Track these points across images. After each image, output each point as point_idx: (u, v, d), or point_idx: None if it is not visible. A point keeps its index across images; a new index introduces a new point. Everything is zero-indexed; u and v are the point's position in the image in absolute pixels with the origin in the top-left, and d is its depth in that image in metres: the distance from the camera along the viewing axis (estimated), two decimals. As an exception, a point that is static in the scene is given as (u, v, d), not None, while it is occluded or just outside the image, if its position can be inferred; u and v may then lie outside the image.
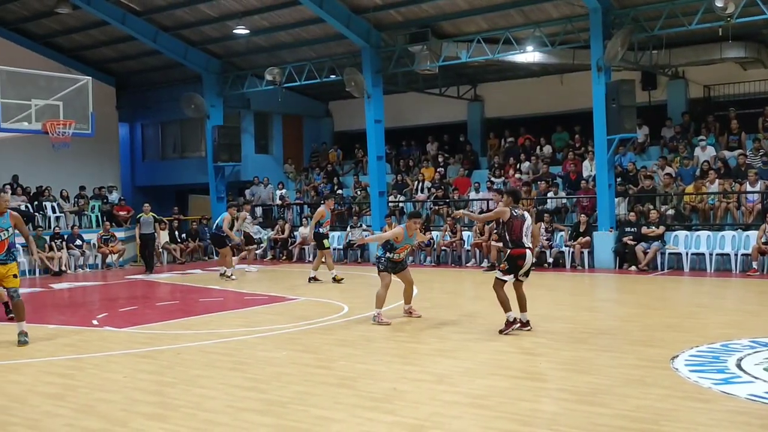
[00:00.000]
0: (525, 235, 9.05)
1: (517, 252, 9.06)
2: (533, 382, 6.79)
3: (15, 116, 14.87)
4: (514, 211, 9.10)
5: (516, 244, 9.04)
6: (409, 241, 10.34)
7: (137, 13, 21.32)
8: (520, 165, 21.26)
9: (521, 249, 9.04)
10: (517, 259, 9.08)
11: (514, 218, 9.05)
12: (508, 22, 18.64)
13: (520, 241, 9.03)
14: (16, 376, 7.58)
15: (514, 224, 9.02)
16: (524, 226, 9.05)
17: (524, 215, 9.18)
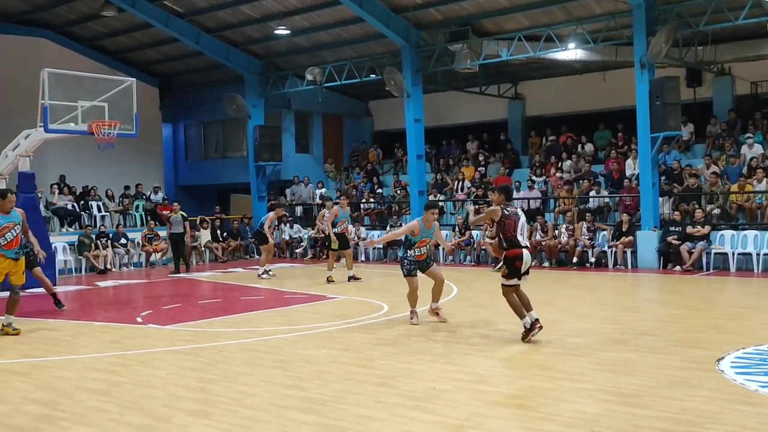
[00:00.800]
0: (520, 234, 8.59)
1: (513, 253, 8.54)
2: (575, 382, 6.72)
3: (62, 117, 15.21)
4: (506, 209, 8.62)
5: (511, 244, 8.55)
6: (428, 234, 9.93)
7: (180, 15, 21.63)
8: (561, 163, 21.05)
9: (517, 249, 8.54)
10: (515, 260, 8.54)
11: (506, 217, 8.57)
12: (549, 19, 18.46)
13: (515, 240, 8.54)
14: (63, 372, 7.75)
15: (507, 223, 8.56)
16: (518, 224, 8.58)
17: (518, 213, 8.72)
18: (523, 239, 8.61)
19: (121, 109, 15.84)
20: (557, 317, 10.50)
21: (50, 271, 16.27)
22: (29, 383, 7.27)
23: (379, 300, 12.35)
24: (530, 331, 8.52)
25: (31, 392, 6.90)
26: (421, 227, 9.82)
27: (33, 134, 15.64)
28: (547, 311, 11.08)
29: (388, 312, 11.11)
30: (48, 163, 21.28)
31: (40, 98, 14.84)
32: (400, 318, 10.57)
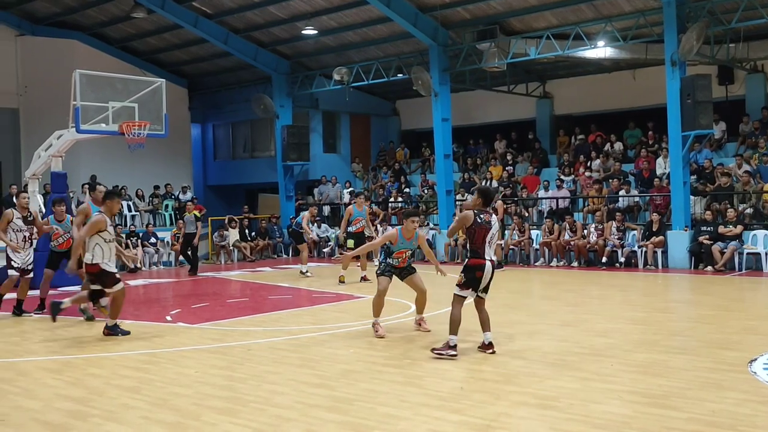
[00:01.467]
0: (488, 245, 7.85)
1: (475, 263, 7.81)
2: (604, 383, 6.65)
3: (94, 118, 15.40)
4: (479, 216, 7.84)
5: (475, 254, 7.83)
6: (407, 245, 9.11)
7: (209, 16, 21.80)
8: (590, 162, 20.87)
9: (480, 260, 7.81)
10: (475, 270, 7.81)
11: (478, 225, 7.80)
12: (578, 17, 18.32)
13: (480, 250, 7.81)
14: (95, 369, 7.85)
15: (476, 232, 7.81)
16: (488, 235, 7.84)
17: (490, 222, 7.89)
18: (489, 251, 7.86)
19: (150, 109, 16.00)
20: (586, 317, 10.42)
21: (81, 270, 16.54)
22: (61, 380, 7.37)
23: (405, 300, 12.33)
24: (449, 348, 7.72)
25: (63, 389, 7.00)
26: (399, 237, 9.04)
27: (65, 135, 15.86)
28: (575, 311, 11.02)
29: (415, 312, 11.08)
30: (79, 163, 21.58)
31: (72, 99, 15.05)
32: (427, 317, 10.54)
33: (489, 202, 8.11)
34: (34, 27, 23.27)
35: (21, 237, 11.34)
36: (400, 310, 11.32)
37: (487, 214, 7.97)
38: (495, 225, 8.01)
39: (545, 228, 18.62)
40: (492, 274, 7.94)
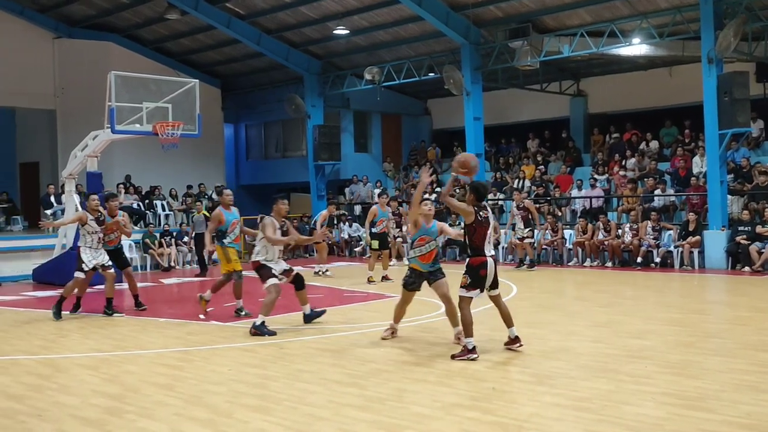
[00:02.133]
0: (488, 241, 7.80)
1: (478, 261, 7.74)
2: (638, 385, 6.57)
3: (128, 119, 15.58)
4: (479, 213, 7.75)
5: (476, 252, 7.75)
6: (427, 232, 8.52)
7: (241, 17, 21.96)
8: (625, 161, 20.62)
9: (482, 257, 7.74)
10: (479, 269, 7.74)
11: (479, 223, 7.72)
12: (613, 14, 18.12)
13: (481, 248, 7.75)
14: (130, 366, 7.95)
15: (477, 230, 7.73)
16: (488, 231, 7.78)
17: (488, 218, 7.81)
18: (489, 248, 7.81)
19: (184, 109, 16.13)
20: (620, 318, 10.30)
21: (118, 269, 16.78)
22: (97, 377, 7.48)
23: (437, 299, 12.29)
24: (468, 353, 7.63)
25: (99, 385, 7.10)
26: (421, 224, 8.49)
27: (100, 135, 16.08)
28: (609, 312, 10.90)
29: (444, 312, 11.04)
30: (114, 163, 21.85)
31: (107, 100, 15.24)
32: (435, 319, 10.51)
33: (482, 198, 8.00)
34: (70, 29, 23.64)
35: (96, 239, 11.40)
36: (430, 310, 11.29)
37: (485, 210, 7.90)
38: (493, 221, 7.96)
39: (578, 228, 18.44)
40: (495, 270, 7.89)
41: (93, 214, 11.45)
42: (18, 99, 22.57)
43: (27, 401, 6.57)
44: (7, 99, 22.32)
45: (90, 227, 11.35)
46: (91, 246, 11.37)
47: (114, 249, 11.91)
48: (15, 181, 24.98)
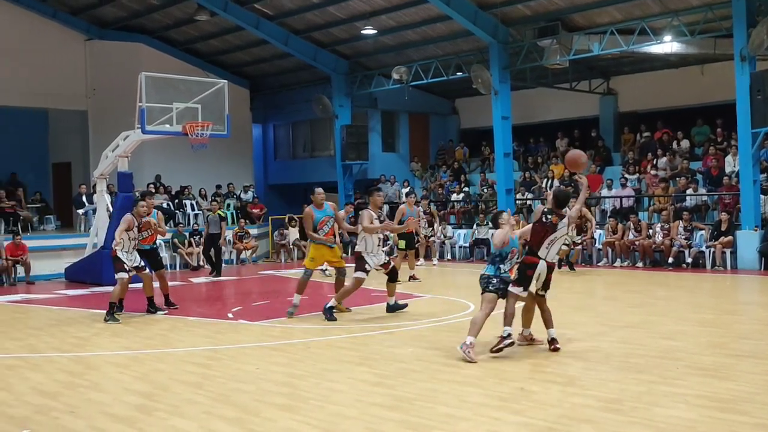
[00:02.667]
0: (546, 246, 7.86)
1: (529, 261, 7.89)
2: (669, 387, 6.48)
3: (158, 119, 15.74)
4: (546, 215, 7.89)
5: (530, 252, 7.89)
6: (514, 243, 8.07)
7: (270, 18, 22.07)
8: (656, 161, 20.38)
9: (534, 258, 7.86)
10: (527, 268, 7.86)
11: (542, 223, 7.88)
12: (643, 11, 17.90)
13: (536, 249, 7.86)
14: (159, 365, 8.03)
15: (537, 229, 7.90)
16: (549, 236, 7.84)
17: (556, 226, 7.84)
18: (545, 251, 7.89)
19: (213, 110, 16.24)
20: (652, 319, 10.18)
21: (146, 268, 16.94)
22: (128, 374, 7.56)
23: (465, 299, 12.26)
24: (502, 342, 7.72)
25: (130, 383, 7.17)
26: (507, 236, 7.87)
27: (131, 136, 16.26)
28: (640, 313, 10.77)
29: (475, 311, 11.00)
30: (145, 163, 22.08)
31: (138, 101, 15.40)
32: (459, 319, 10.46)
33: (561, 206, 8.07)
34: (101, 31, 23.94)
35: (133, 244, 11.28)
36: (459, 309, 11.26)
37: (556, 216, 7.90)
38: (561, 230, 7.90)
39: (608, 227, 18.26)
40: (548, 274, 7.93)
41: (138, 220, 11.33)
42: (51, 100, 22.91)
43: (60, 398, 6.66)
44: (40, 100, 22.66)
45: (132, 233, 11.25)
46: (127, 250, 11.21)
47: (150, 249, 11.87)
48: (48, 181, 25.36)
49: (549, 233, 7.85)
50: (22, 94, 21.93)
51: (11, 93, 21.67)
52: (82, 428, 5.77)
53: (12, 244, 17.18)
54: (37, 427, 5.85)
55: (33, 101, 22.56)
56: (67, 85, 22.95)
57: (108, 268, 15.82)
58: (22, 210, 20.49)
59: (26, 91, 21.94)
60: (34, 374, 7.67)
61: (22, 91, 21.87)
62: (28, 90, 21.95)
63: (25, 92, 21.93)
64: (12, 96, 21.79)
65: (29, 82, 21.90)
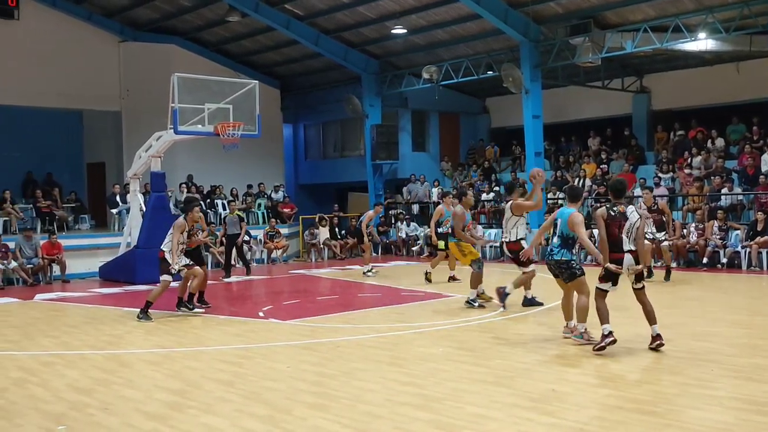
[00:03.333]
0: (627, 236, 7.89)
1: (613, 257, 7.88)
2: (704, 389, 6.39)
3: (190, 120, 15.88)
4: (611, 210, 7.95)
5: (613, 247, 7.87)
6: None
7: (300, 18, 22.16)
8: (691, 159, 20.09)
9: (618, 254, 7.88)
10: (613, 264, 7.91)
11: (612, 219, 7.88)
12: (677, 8, 17.65)
13: (618, 243, 7.88)
14: (192, 363, 8.10)
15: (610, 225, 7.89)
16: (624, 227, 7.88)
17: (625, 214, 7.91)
18: (628, 243, 7.89)
19: (244, 110, 16.33)
20: (685, 320, 10.05)
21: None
22: (160, 372, 7.65)
23: (496, 299, 12.19)
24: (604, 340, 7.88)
25: (162, 381, 7.25)
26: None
27: (164, 136, 16.43)
28: (675, 314, 10.62)
29: (506, 312, 10.96)
30: (177, 163, 22.29)
31: (170, 102, 15.55)
32: (518, 317, 10.41)
33: (620, 195, 8.13)
34: (135, 33, 24.23)
35: (181, 248, 11.36)
36: (490, 309, 11.20)
37: (621, 206, 8.02)
38: (633, 216, 7.94)
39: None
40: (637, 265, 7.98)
41: (190, 225, 11.41)
42: (85, 101, 23.25)
43: (94, 395, 6.75)
44: (75, 101, 23.01)
45: (182, 237, 11.32)
46: (175, 253, 11.26)
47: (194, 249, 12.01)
48: (83, 181, 25.73)
49: (622, 224, 7.89)
50: (57, 96, 22.30)
51: (47, 95, 22.04)
52: (115, 425, 5.85)
53: (48, 243, 17.47)
54: (72, 423, 5.94)
55: (68, 102, 22.92)
56: (101, 86, 23.26)
57: (141, 267, 16.14)
58: (58, 210, 20.82)
59: (61, 93, 22.30)
60: (69, 371, 7.79)
61: (58, 93, 22.23)
62: (64, 91, 22.31)
63: (60, 94, 22.29)
64: (48, 98, 22.17)
65: (64, 84, 22.25)
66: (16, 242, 17.12)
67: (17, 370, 7.88)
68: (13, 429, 5.83)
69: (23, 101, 21.91)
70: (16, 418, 6.11)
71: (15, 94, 21.44)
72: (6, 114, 22.59)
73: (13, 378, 7.53)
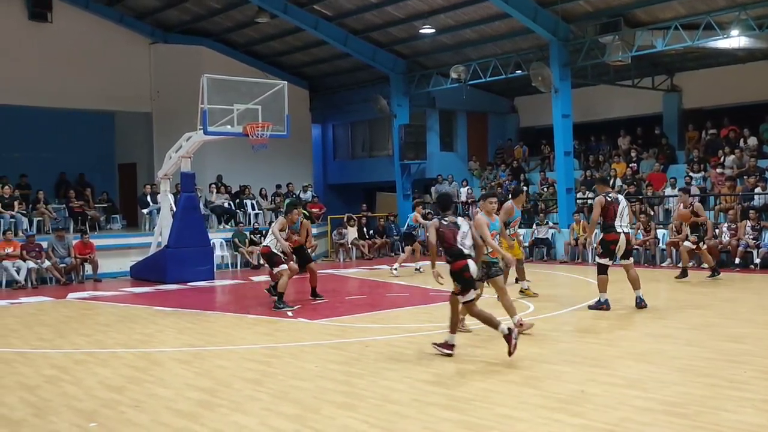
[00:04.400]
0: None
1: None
2: (736, 391, 6.30)
3: (219, 120, 16.01)
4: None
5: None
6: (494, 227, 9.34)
7: (329, 19, 22.24)
8: (723, 158, 19.81)
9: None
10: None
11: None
12: (709, 5, 17.41)
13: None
14: (222, 362, 8.18)
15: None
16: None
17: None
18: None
19: (273, 111, 16.42)
20: (716, 321, 9.92)
21: (208, 266, 17.29)
22: (190, 370, 7.73)
23: (524, 299, 12.14)
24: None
25: (192, 379, 7.33)
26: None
27: (194, 137, 16.59)
28: (705, 315, 10.50)
29: (534, 312, 10.91)
30: (206, 163, 22.48)
31: (200, 102, 15.69)
32: (547, 318, 10.36)
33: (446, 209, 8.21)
34: (165, 35, 24.48)
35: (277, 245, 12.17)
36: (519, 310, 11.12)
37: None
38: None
39: (672, 227, 17.83)
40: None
41: (290, 223, 12.32)
42: (117, 102, 23.54)
43: (126, 393, 6.85)
44: (107, 103, 23.32)
45: (283, 234, 12.11)
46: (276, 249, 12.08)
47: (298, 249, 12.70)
48: (114, 181, 26.06)
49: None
50: (89, 98, 22.63)
51: (80, 96, 22.39)
52: (146, 423, 5.93)
53: (80, 243, 17.73)
54: (104, 420, 6.03)
55: (100, 104, 23.25)
56: (133, 87, 23.55)
57: (171, 267, 16.34)
58: (90, 210, 21.11)
59: (94, 95, 22.62)
60: (101, 369, 7.90)
61: (90, 95, 22.56)
62: (96, 93, 22.63)
63: (92, 95, 22.62)
64: (81, 99, 22.51)
65: (96, 86, 22.56)
66: (49, 242, 17.40)
67: (50, 368, 8.02)
68: (46, 426, 5.94)
69: (56, 103, 22.25)
70: (50, 415, 6.22)
71: (48, 96, 21.79)
72: (40, 116, 22.98)
73: (47, 375, 7.67)
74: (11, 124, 22.90)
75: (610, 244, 10.53)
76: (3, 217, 17.89)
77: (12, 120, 22.79)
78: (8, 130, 22.96)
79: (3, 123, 22.69)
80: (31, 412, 6.30)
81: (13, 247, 16.78)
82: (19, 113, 22.56)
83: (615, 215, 10.45)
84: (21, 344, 9.57)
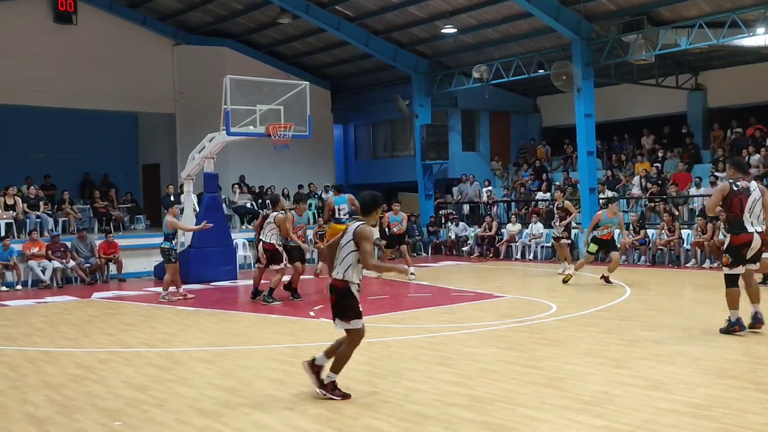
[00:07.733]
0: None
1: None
2: (763, 393, 6.22)
3: (242, 121, 16.10)
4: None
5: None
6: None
7: (350, 19, 22.26)
8: (749, 158, 19.56)
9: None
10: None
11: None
12: (734, 3, 17.20)
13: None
14: (243, 361, 8.22)
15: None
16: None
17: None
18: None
19: (295, 111, 16.48)
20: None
21: (231, 266, 17.38)
22: (213, 370, 7.77)
23: (547, 300, 12.09)
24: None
25: (215, 378, 7.37)
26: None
27: (217, 137, 16.68)
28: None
29: (557, 312, 10.85)
30: (229, 164, 22.60)
31: (223, 103, 15.78)
32: (570, 318, 10.29)
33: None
34: (188, 36, 24.65)
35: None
36: (541, 310, 11.10)
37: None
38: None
39: (697, 227, 17.64)
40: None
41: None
42: (140, 104, 23.76)
43: (149, 392, 6.90)
44: (131, 104, 23.55)
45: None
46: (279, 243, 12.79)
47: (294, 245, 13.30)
48: (138, 182, 26.28)
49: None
50: (113, 99, 22.85)
51: (104, 98, 22.61)
52: (170, 421, 5.97)
53: (105, 243, 17.90)
54: (128, 419, 6.08)
55: (124, 105, 23.47)
56: (156, 89, 23.74)
57: (194, 267, 16.46)
58: (114, 210, 21.32)
59: (118, 96, 22.84)
60: (125, 368, 7.97)
61: (114, 96, 22.78)
62: (120, 94, 22.84)
63: (116, 97, 22.84)
64: (105, 100, 22.75)
65: (120, 87, 22.77)
66: (72, 243, 17.58)
67: (75, 367, 8.10)
68: (71, 424, 6.00)
69: (81, 104, 22.50)
70: (74, 413, 6.29)
71: (73, 97, 22.03)
72: (64, 117, 23.21)
73: (71, 374, 7.74)
74: (37, 125, 23.18)
75: (741, 248, 8.42)
76: (29, 218, 18.13)
77: (37, 121, 23.06)
78: (33, 131, 23.23)
79: (28, 124, 22.99)
80: (56, 411, 6.37)
81: (38, 247, 16.99)
82: (44, 114, 22.81)
83: (742, 209, 8.35)
84: (46, 343, 9.69)
